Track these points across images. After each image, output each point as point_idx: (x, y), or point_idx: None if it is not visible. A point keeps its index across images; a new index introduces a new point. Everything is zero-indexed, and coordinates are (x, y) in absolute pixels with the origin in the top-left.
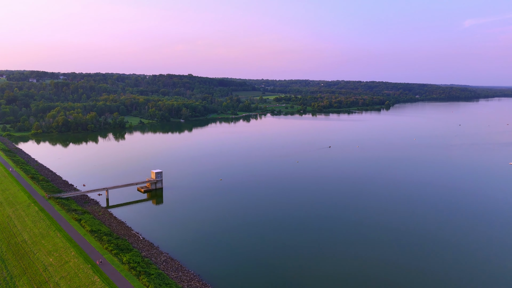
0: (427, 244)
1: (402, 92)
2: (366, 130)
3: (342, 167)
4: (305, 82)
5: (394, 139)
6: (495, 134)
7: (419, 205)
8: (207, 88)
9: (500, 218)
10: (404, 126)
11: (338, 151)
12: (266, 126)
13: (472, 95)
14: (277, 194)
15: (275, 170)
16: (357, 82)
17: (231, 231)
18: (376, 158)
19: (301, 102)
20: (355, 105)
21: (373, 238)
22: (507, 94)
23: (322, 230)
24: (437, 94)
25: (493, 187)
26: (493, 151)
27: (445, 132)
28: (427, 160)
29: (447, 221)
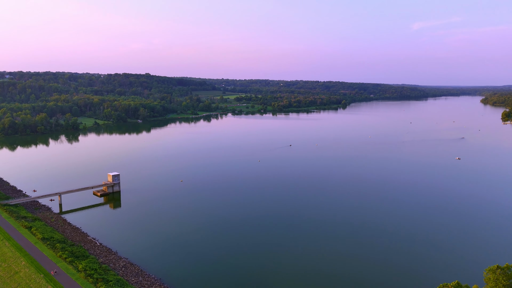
0: (383, 237)
1: (358, 92)
2: (324, 128)
3: (302, 165)
4: (265, 82)
5: (351, 137)
6: (442, 131)
7: (374, 200)
8: (166, 88)
9: (451, 209)
10: (360, 124)
11: (298, 149)
12: (227, 125)
13: (421, 94)
14: (239, 194)
15: (237, 169)
16: (315, 82)
17: (193, 233)
18: (334, 156)
19: (261, 102)
20: (313, 104)
21: (333, 234)
22: (453, 93)
23: (283, 229)
24: (390, 94)
25: (442, 180)
26: (441, 147)
27: (398, 130)
28: (382, 157)
29: (400, 213)
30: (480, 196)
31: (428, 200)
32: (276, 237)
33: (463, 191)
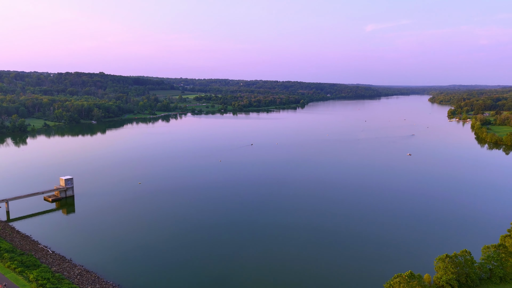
0: (338, 235)
1: (315, 91)
2: (284, 127)
3: (263, 164)
4: (224, 81)
5: (310, 135)
6: (394, 128)
7: (330, 197)
8: (121, 87)
9: (402, 203)
10: (318, 123)
11: (259, 148)
12: (187, 125)
13: (375, 94)
14: (199, 195)
15: (197, 170)
16: (274, 82)
17: (152, 237)
18: (293, 154)
19: (221, 101)
20: (273, 104)
21: (290, 235)
22: (404, 93)
23: (244, 230)
24: (346, 93)
25: (395, 176)
26: (394, 144)
27: (353, 128)
28: (338, 154)
29: (354, 210)
30: (428, 190)
31: (381, 196)
32: (237, 239)
33: (413, 186)
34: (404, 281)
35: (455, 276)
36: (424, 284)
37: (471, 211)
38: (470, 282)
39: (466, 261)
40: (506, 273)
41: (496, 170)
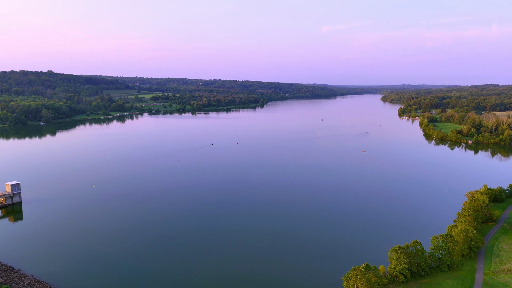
0: (301, 227)
1: (274, 91)
2: (244, 127)
3: (223, 165)
4: (182, 80)
5: (270, 134)
6: (350, 127)
7: (290, 196)
8: (73, 87)
9: (358, 198)
10: (277, 122)
11: (219, 148)
12: (144, 126)
13: (331, 93)
14: (157, 200)
15: (155, 172)
16: (233, 81)
17: (106, 243)
18: (254, 153)
19: (180, 101)
20: (232, 103)
21: (252, 236)
22: (358, 92)
23: (203, 236)
24: (303, 93)
25: (350, 172)
26: (349, 141)
27: (311, 126)
28: (297, 153)
29: (313, 204)
30: (382, 186)
31: (337, 194)
32: (196, 244)
33: (367, 183)
34: (360, 273)
35: (407, 266)
36: (379, 275)
37: (421, 204)
38: (421, 271)
39: (417, 251)
40: (453, 261)
41: (442, 164)
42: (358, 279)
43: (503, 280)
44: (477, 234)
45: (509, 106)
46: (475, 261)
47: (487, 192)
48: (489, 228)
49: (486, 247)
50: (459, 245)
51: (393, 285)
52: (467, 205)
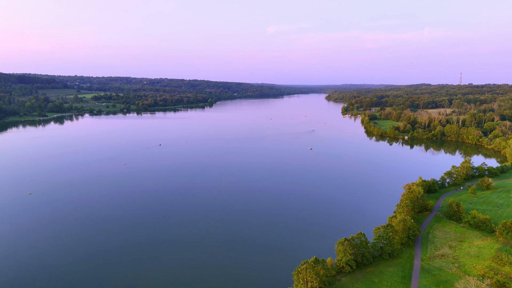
0: (248, 227)
1: (223, 90)
2: (193, 126)
3: (170, 166)
4: (126, 79)
5: (219, 134)
6: (297, 125)
7: (239, 197)
8: (2, 86)
9: (304, 193)
10: (227, 121)
11: (167, 148)
12: (85, 127)
13: (278, 93)
14: (98, 206)
15: (99, 175)
16: (180, 80)
17: (43, 250)
18: (203, 153)
19: (123, 101)
20: (180, 103)
21: (206, 238)
22: (304, 91)
23: (149, 245)
24: (252, 92)
25: (298, 169)
26: (297, 139)
27: (260, 125)
28: (247, 151)
29: (260, 201)
30: (327, 181)
31: (287, 190)
32: (142, 253)
33: (314, 179)
34: (310, 267)
35: (353, 257)
36: (327, 267)
37: (365, 197)
38: (365, 261)
39: (361, 242)
40: (393, 249)
41: (382, 159)
42: (308, 272)
43: (438, 265)
44: (414, 223)
45: (440, 104)
46: (413, 248)
47: (422, 184)
48: (424, 217)
49: (422, 235)
50: (398, 234)
51: (340, 276)
52: (405, 197)
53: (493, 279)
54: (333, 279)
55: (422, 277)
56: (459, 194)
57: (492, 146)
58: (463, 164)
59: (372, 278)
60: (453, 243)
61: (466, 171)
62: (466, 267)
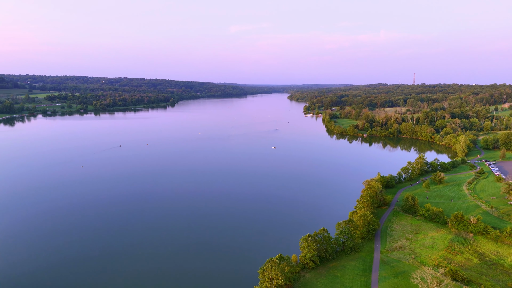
0: (212, 230)
1: (185, 90)
2: (155, 127)
3: (131, 168)
4: (83, 78)
5: (182, 134)
6: (260, 124)
7: (204, 196)
8: None
9: (269, 193)
10: (190, 121)
11: (128, 149)
12: (39, 128)
13: (241, 92)
14: (56, 206)
15: (54, 179)
16: (140, 79)
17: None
18: (164, 154)
19: (80, 101)
20: (140, 103)
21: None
22: (267, 91)
23: (109, 254)
24: (215, 92)
25: (261, 169)
26: (261, 138)
27: (224, 125)
28: (211, 152)
29: (225, 201)
30: (291, 180)
31: (252, 189)
32: (102, 263)
33: (278, 177)
34: (275, 264)
35: (316, 253)
36: (292, 264)
37: (327, 194)
38: (328, 256)
39: (324, 238)
40: (355, 244)
41: (343, 157)
42: (273, 270)
43: (396, 257)
44: (374, 218)
45: (396, 103)
46: (373, 242)
47: (380, 180)
48: (383, 212)
49: (381, 229)
50: (359, 229)
51: (305, 272)
52: (365, 192)
53: (446, 268)
54: (298, 275)
55: (382, 269)
56: (415, 189)
57: (443, 143)
58: (418, 160)
59: (335, 273)
60: (410, 235)
61: (421, 167)
62: (422, 257)
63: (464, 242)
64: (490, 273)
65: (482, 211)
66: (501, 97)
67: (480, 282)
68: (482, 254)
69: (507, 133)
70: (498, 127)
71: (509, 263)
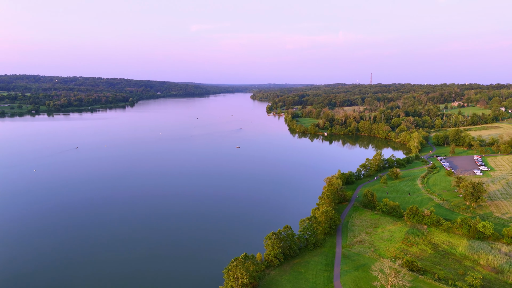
0: (178, 226)
1: (145, 89)
2: (113, 128)
3: (89, 170)
4: (34, 77)
5: (142, 135)
6: (224, 124)
7: (166, 197)
8: None
9: (232, 193)
10: (151, 121)
11: (85, 152)
12: None
13: (204, 92)
14: (4, 212)
15: (2, 184)
16: (97, 78)
17: None
18: (125, 155)
19: (31, 101)
20: (98, 103)
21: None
22: (229, 91)
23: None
24: (176, 91)
25: (225, 169)
26: (225, 138)
27: (186, 125)
28: (173, 152)
29: (187, 202)
30: (255, 178)
31: (215, 189)
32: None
33: (241, 176)
34: (240, 264)
35: (281, 250)
36: (257, 262)
37: (291, 192)
38: (292, 253)
39: (288, 235)
40: (317, 240)
41: (305, 155)
42: (238, 269)
43: (356, 250)
44: (335, 214)
45: (354, 102)
46: (334, 237)
47: (341, 177)
48: (344, 207)
49: (342, 224)
50: (321, 225)
51: (269, 270)
52: (326, 189)
53: (403, 259)
54: (263, 273)
55: (343, 263)
56: (373, 184)
57: (399, 140)
58: (375, 157)
59: (299, 269)
60: (369, 229)
61: (378, 163)
62: (380, 250)
63: (419, 234)
64: (443, 262)
65: (434, 204)
66: (451, 96)
67: (434, 271)
68: (435, 245)
69: (456, 130)
70: (448, 124)
71: (460, 252)
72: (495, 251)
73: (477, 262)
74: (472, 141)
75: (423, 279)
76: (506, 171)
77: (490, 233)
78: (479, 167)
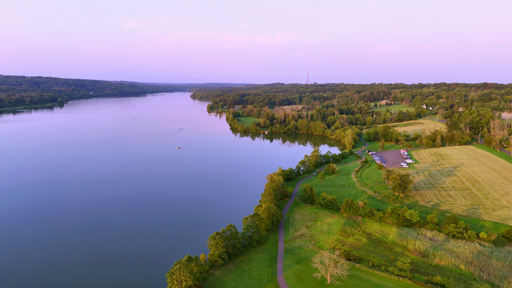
0: (114, 234)
1: (75, 89)
2: (40, 130)
3: (14, 178)
4: None
5: (73, 137)
6: (163, 124)
7: (102, 200)
8: None
9: (173, 195)
10: (83, 122)
11: (5, 157)
12: None
13: (140, 91)
14: None
15: None
16: (20, 77)
17: None
18: (53, 160)
19: None
20: (21, 103)
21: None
22: (168, 90)
23: None
24: (110, 90)
25: (166, 171)
26: (164, 138)
27: (123, 126)
28: (109, 154)
29: (128, 207)
30: (197, 178)
31: (154, 192)
32: None
33: (183, 178)
34: (183, 266)
35: (225, 249)
36: (201, 263)
37: (234, 190)
38: (236, 251)
39: (232, 234)
40: (261, 236)
41: (246, 153)
42: (181, 272)
43: (298, 244)
44: (277, 210)
45: (292, 101)
46: (277, 233)
47: (281, 173)
48: (285, 203)
49: (284, 219)
50: (264, 221)
51: (214, 270)
52: (268, 186)
53: (341, 250)
54: (207, 274)
55: (286, 257)
56: (312, 180)
57: (334, 136)
58: (313, 153)
59: (243, 267)
60: (309, 223)
61: (316, 159)
62: (320, 243)
63: (355, 225)
64: (376, 250)
65: (368, 196)
66: (379, 95)
67: (368, 259)
68: (369, 234)
69: (385, 126)
70: (377, 121)
71: (391, 240)
72: (421, 236)
73: (406, 247)
74: (398, 136)
75: (359, 267)
76: (428, 163)
77: (416, 220)
78: (405, 160)
